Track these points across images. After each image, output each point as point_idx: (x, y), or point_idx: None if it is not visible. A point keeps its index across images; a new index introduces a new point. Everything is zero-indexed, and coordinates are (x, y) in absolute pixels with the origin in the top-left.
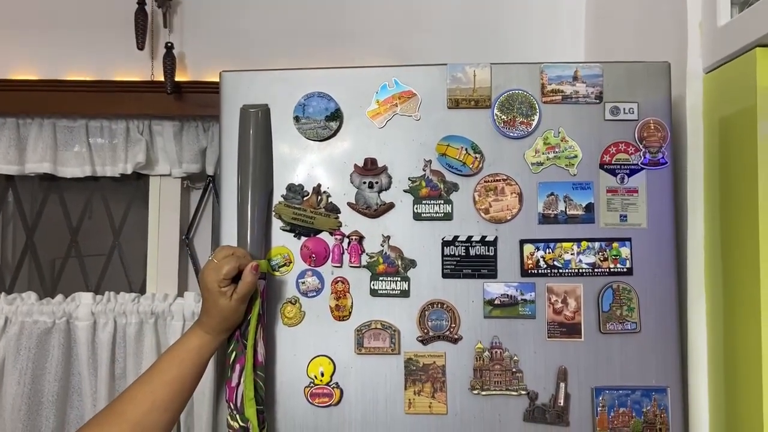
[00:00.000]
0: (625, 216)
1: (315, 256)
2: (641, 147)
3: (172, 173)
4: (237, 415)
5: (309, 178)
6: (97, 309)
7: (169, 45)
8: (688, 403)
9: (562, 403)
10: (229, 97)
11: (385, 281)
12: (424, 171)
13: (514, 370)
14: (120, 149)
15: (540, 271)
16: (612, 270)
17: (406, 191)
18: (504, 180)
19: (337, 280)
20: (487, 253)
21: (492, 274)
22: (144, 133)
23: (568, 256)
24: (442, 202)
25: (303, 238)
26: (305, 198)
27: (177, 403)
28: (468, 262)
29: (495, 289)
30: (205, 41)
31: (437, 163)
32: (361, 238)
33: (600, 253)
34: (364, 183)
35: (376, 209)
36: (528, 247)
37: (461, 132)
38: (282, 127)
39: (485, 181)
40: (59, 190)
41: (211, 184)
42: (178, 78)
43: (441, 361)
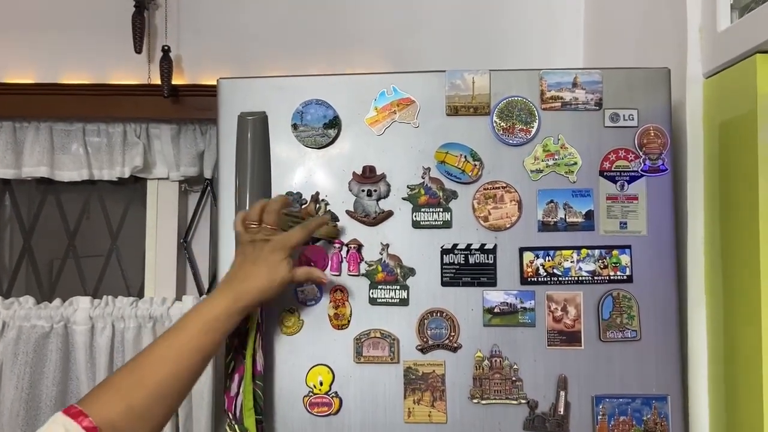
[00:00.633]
0: (625, 223)
1: (314, 264)
2: (641, 154)
3: (169, 176)
4: (236, 425)
5: (307, 186)
6: (95, 313)
7: (166, 48)
8: (688, 412)
9: (562, 412)
10: (227, 104)
11: (384, 289)
12: (423, 179)
13: (514, 378)
14: (117, 153)
15: (540, 278)
16: (612, 278)
17: (404, 199)
18: (503, 187)
19: (336, 288)
20: (486, 261)
21: (491, 282)
22: (141, 137)
23: (567, 264)
24: (441, 209)
25: (301, 247)
26: (303, 206)
27: (196, 374)
28: (467, 270)
29: (494, 297)
30: (202, 44)
31: (436, 171)
32: (359, 247)
33: (600, 261)
34: (363, 191)
35: (375, 217)
36: (527, 255)
37: (460, 139)
38: (280, 134)
39: (484, 189)
40: (56, 193)
41: (209, 188)
42: (175, 81)
43: (440, 370)
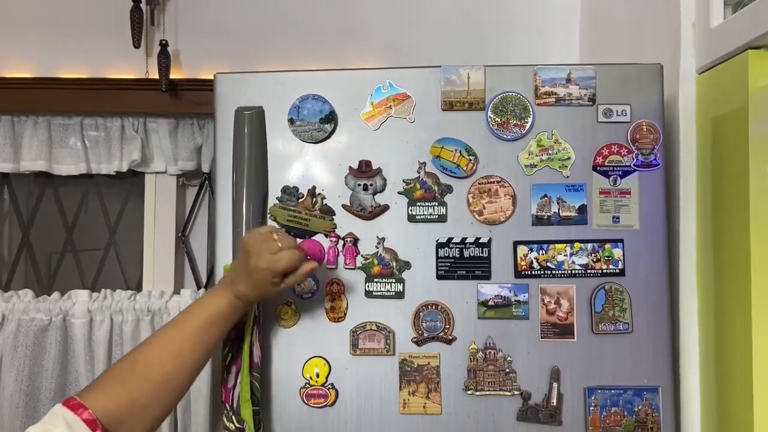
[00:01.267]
0: (618, 217)
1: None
2: (634, 149)
3: (167, 170)
4: (233, 416)
5: (304, 180)
6: (93, 306)
7: (163, 42)
8: (679, 403)
9: (554, 403)
10: (224, 99)
11: (380, 283)
12: (419, 173)
13: (508, 370)
14: (115, 147)
15: (533, 272)
16: (604, 271)
17: (400, 193)
18: (498, 182)
19: (332, 281)
20: (481, 254)
21: (486, 276)
22: (139, 131)
23: (561, 258)
24: (437, 204)
25: (298, 240)
26: (300, 200)
27: (198, 367)
28: (462, 263)
29: (489, 290)
30: (199, 39)
31: (431, 165)
32: (355, 240)
33: (593, 255)
34: (359, 185)
35: (371, 211)
36: (522, 249)
37: (455, 134)
38: (276, 129)
39: (479, 183)
40: (54, 187)
41: (206, 182)
42: (173, 75)
43: (435, 362)
